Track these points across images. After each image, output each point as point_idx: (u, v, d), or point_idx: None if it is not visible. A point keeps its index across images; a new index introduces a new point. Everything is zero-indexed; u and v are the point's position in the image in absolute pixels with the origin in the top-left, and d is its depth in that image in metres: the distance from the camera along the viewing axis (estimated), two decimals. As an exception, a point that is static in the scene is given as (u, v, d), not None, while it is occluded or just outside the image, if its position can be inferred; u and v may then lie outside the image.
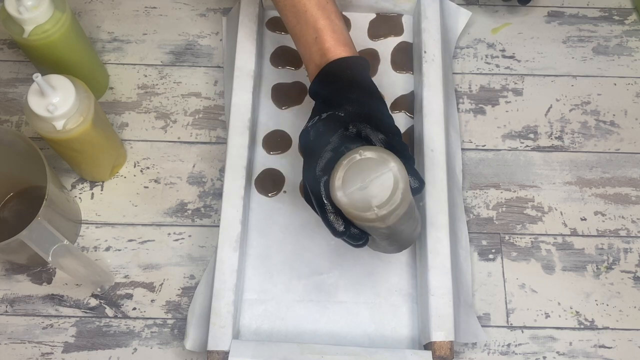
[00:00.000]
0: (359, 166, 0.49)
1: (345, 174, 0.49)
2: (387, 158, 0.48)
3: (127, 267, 0.68)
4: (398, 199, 0.47)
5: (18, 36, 0.63)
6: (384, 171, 0.48)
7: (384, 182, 0.48)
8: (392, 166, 0.48)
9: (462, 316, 0.63)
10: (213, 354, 0.60)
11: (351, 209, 0.48)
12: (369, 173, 0.48)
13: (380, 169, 0.48)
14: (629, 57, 0.78)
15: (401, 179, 0.48)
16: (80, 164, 0.69)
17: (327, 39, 0.57)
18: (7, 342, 0.65)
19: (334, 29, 0.57)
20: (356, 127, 0.53)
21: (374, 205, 0.48)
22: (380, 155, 0.49)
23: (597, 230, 0.70)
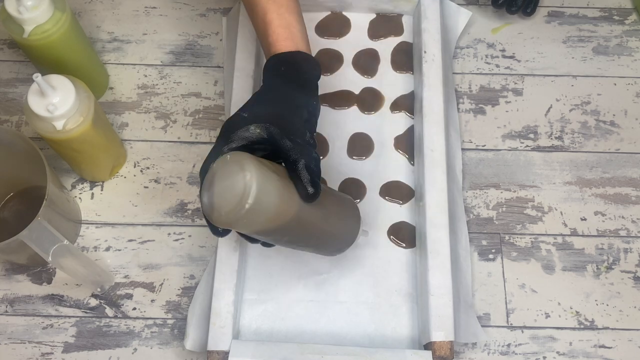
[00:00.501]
0: (221, 170, 0.48)
1: (212, 176, 0.48)
2: (243, 166, 0.47)
3: (127, 267, 0.68)
4: (245, 207, 0.46)
5: (18, 36, 0.63)
6: (236, 179, 0.47)
7: (233, 189, 0.46)
8: (246, 175, 0.46)
9: (462, 316, 0.63)
10: (213, 354, 0.60)
11: (206, 212, 0.48)
12: (225, 178, 0.48)
13: (234, 176, 0.47)
14: (629, 57, 0.78)
15: (254, 189, 0.46)
16: (80, 164, 0.69)
17: (271, 33, 0.56)
18: (7, 342, 0.65)
19: (280, 23, 0.56)
20: (259, 128, 0.51)
21: (222, 211, 0.47)
22: (239, 161, 0.47)
23: (597, 230, 0.70)
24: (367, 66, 0.76)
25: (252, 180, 0.46)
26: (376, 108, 0.74)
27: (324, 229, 0.55)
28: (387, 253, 0.68)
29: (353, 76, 0.76)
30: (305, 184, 0.49)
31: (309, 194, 0.50)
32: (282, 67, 0.55)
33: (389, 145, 0.73)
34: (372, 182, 0.71)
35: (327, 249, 0.59)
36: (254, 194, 0.46)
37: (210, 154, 0.51)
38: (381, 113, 0.74)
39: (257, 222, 0.48)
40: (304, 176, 0.50)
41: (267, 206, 0.48)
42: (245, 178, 0.46)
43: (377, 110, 0.74)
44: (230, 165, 0.48)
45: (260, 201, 0.47)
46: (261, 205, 0.47)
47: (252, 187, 0.46)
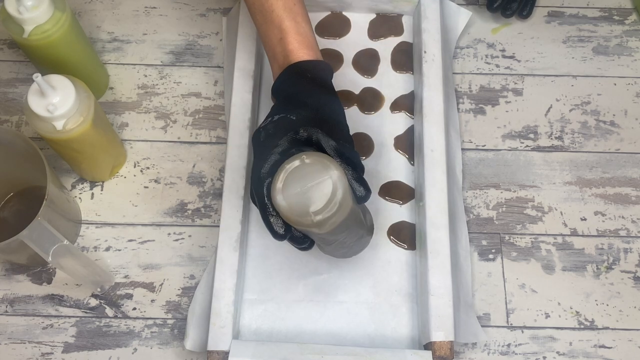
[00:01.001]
0: (301, 171, 0.49)
1: (287, 178, 0.49)
2: (328, 165, 0.48)
3: (127, 267, 0.68)
4: (335, 206, 0.47)
5: (18, 36, 0.63)
6: (323, 178, 0.48)
7: (322, 189, 0.48)
8: (332, 174, 0.48)
9: (462, 316, 0.63)
10: (213, 354, 0.60)
11: (289, 213, 0.48)
12: (309, 179, 0.48)
13: (320, 175, 0.48)
14: (629, 57, 0.78)
15: (340, 187, 0.48)
16: (80, 164, 0.69)
17: (291, 40, 0.56)
18: (7, 342, 0.65)
19: (298, 31, 0.57)
20: (307, 132, 0.52)
21: (310, 211, 0.48)
22: (322, 162, 0.49)
23: (597, 230, 0.70)
24: (367, 66, 0.76)
25: (340, 178, 0.48)
26: (376, 108, 0.74)
27: (361, 231, 0.56)
28: (387, 253, 0.68)
29: (353, 76, 0.76)
30: (361, 185, 0.51)
31: (363, 195, 0.51)
32: (309, 74, 0.56)
33: (389, 145, 0.73)
34: (372, 182, 0.71)
35: (355, 250, 0.60)
36: (341, 193, 0.48)
37: (261, 157, 0.52)
38: (381, 113, 0.74)
39: (337, 219, 0.49)
40: (359, 178, 0.51)
41: (346, 205, 0.49)
42: (333, 177, 0.48)
43: (377, 110, 0.74)
44: (312, 165, 0.49)
45: (344, 200, 0.48)
46: (343, 203, 0.48)
47: (340, 185, 0.48)
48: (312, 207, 0.48)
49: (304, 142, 0.52)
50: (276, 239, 0.52)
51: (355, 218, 0.53)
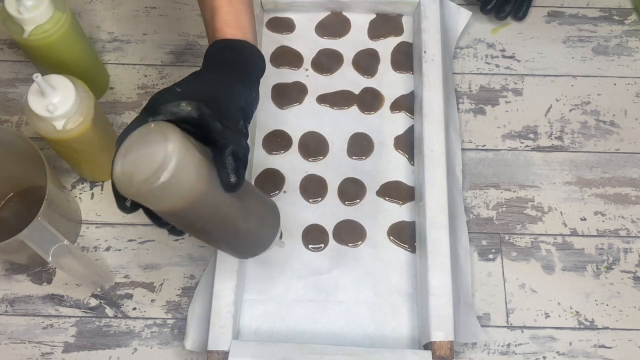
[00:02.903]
0: (143, 139, 0.44)
1: (129, 143, 0.45)
2: (167, 135, 0.43)
3: (127, 267, 0.68)
4: (162, 179, 0.42)
5: (18, 36, 0.63)
6: (157, 148, 0.43)
7: (152, 157, 0.43)
8: (169, 145, 0.43)
9: (462, 316, 0.63)
10: (213, 354, 0.60)
11: (116, 180, 0.44)
12: (143, 146, 0.44)
13: (155, 144, 0.43)
14: (629, 57, 0.78)
15: (173, 161, 0.42)
16: (80, 164, 0.69)
17: (218, 18, 0.55)
18: (7, 342, 0.65)
19: (229, 10, 0.55)
20: (190, 106, 0.47)
21: (134, 180, 0.43)
22: (163, 130, 0.44)
23: (597, 230, 0.70)
24: (367, 66, 0.76)
25: (173, 151, 0.43)
26: (376, 108, 0.74)
27: (239, 225, 0.51)
28: (387, 253, 0.68)
29: (353, 76, 0.76)
30: (229, 171, 0.46)
31: (231, 182, 0.46)
32: (227, 52, 0.54)
33: (389, 145, 0.73)
34: (372, 182, 0.71)
35: (239, 248, 0.56)
36: (173, 167, 0.42)
37: (132, 123, 0.48)
38: (381, 113, 0.74)
39: (170, 199, 0.44)
40: (229, 163, 0.46)
41: (183, 183, 0.44)
42: (166, 148, 0.43)
43: (377, 110, 0.74)
44: (152, 134, 0.44)
45: (177, 176, 0.43)
46: (178, 180, 0.43)
47: (172, 159, 0.42)
48: (136, 177, 0.43)
49: (189, 119, 0.47)
50: (122, 210, 0.48)
51: (216, 210, 0.48)
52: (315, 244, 0.68)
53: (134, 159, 0.44)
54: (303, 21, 0.79)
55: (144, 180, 0.43)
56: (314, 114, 0.74)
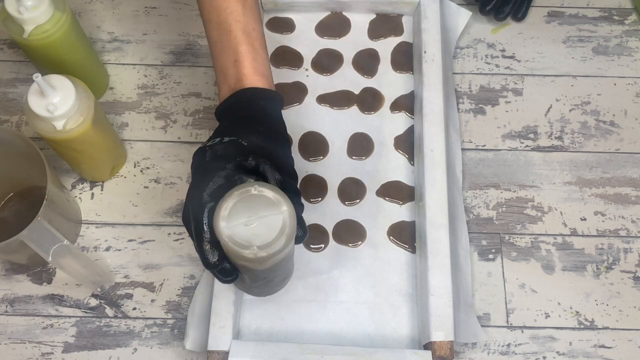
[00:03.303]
0: (250, 201, 0.46)
1: (234, 205, 0.46)
2: (281, 200, 0.46)
3: (127, 267, 0.68)
4: (281, 244, 0.45)
5: (18, 36, 0.63)
6: (274, 212, 0.46)
7: (271, 223, 0.45)
8: (284, 210, 0.46)
9: (462, 316, 0.63)
10: (213, 354, 0.60)
11: (231, 243, 0.46)
12: (259, 210, 0.46)
13: (272, 209, 0.46)
14: (629, 57, 0.78)
15: (289, 225, 0.46)
16: (80, 164, 0.69)
17: (246, 65, 0.55)
18: (7, 342, 0.65)
19: (255, 57, 0.55)
20: (255, 161, 0.50)
21: (255, 244, 0.45)
22: (275, 195, 0.46)
23: (597, 230, 0.70)
24: (367, 66, 0.76)
25: (291, 212, 0.46)
26: (376, 108, 0.74)
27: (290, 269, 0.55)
28: (387, 253, 0.68)
29: (353, 76, 0.76)
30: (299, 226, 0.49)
31: (300, 236, 0.50)
32: (262, 102, 0.54)
33: (389, 145, 0.73)
34: (372, 182, 0.71)
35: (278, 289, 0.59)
36: (292, 227, 0.46)
37: (203, 179, 0.49)
38: (381, 113, 0.74)
39: (279, 258, 0.47)
40: (301, 220, 0.50)
41: (291, 242, 0.47)
42: (284, 213, 0.46)
43: (377, 110, 0.74)
44: (264, 198, 0.46)
45: (292, 238, 0.46)
46: (290, 241, 0.46)
47: (290, 219, 0.46)
48: (257, 241, 0.45)
49: (249, 170, 0.50)
50: (206, 267, 0.50)
51: (290, 258, 0.51)
52: (315, 244, 0.68)
53: (251, 224, 0.46)
54: (303, 21, 0.79)
55: (265, 245, 0.45)
56: (314, 114, 0.74)
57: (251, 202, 0.46)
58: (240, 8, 0.56)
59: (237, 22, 0.56)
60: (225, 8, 0.56)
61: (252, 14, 0.57)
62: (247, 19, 0.56)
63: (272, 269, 0.49)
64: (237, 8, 0.56)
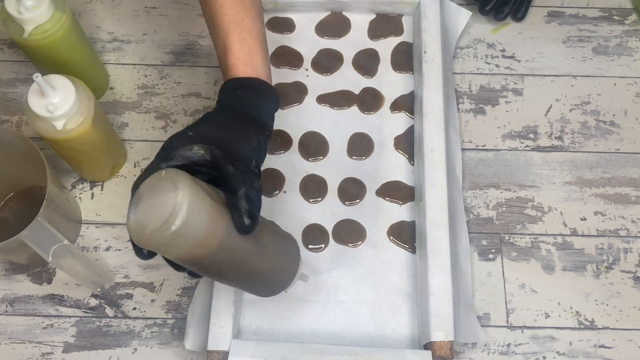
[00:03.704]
0: (155, 187, 0.44)
1: (142, 192, 0.45)
2: (177, 183, 0.43)
3: (127, 267, 0.68)
4: (173, 227, 0.42)
5: (18, 36, 0.63)
6: (168, 196, 0.43)
7: (162, 207, 0.43)
8: (178, 193, 0.43)
9: (462, 316, 0.63)
10: (213, 354, 0.60)
11: (130, 229, 0.44)
12: (155, 194, 0.44)
13: (166, 193, 0.43)
14: (629, 57, 0.78)
15: (184, 209, 0.42)
16: (80, 164, 0.69)
17: (231, 56, 0.54)
18: (7, 342, 0.65)
19: (241, 48, 0.55)
20: (203, 150, 0.48)
21: (147, 230, 0.43)
22: (173, 178, 0.44)
23: (597, 230, 0.70)
24: (367, 66, 0.76)
25: (183, 200, 0.43)
26: (376, 108, 0.74)
27: (257, 266, 0.51)
28: (387, 253, 0.68)
29: (353, 76, 0.76)
30: (242, 214, 0.46)
31: (245, 225, 0.46)
32: (239, 91, 0.53)
33: (389, 145, 0.73)
34: (372, 182, 0.71)
35: (259, 288, 0.55)
36: (183, 216, 0.42)
37: (147, 170, 0.48)
38: (381, 113, 0.74)
39: (183, 247, 0.44)
40: (242, 205, 0.46)
41: (195, 231, 0.44)
42: (176, 197, 0.43)
43: (377, 110, 0.74)
44: (163, 182, 0.44)
45: (188, 224, 0.43)
46: (189, 229, 0.43)
47: (182, 208, 0.42)
48: (147, 226, 0.43)
49: (202, 162, 0.48)
50: (140, 257, 0.48)
51: (232, 254, 0.48)
52: (315, 244, 0.68)
53: (145, 208, 0.44)
54: (303, 21, 0.79)
55: (155, 229, 0.43)
56: (314, 114, 0.74)
57: (156, 187, 0.44)
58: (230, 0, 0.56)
59: (225, 15, 0.56)
60: (215, 2, 0.56)
61: (244, 3, 0.57)
62: (237, 10, 0.56)
63: (203, 261, 0.46)
64: (226, 0, 0.56)
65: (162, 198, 0.43)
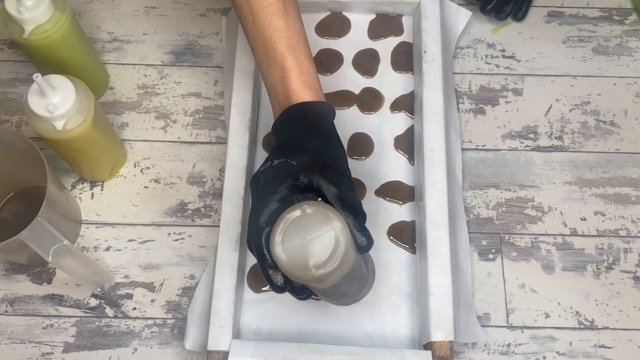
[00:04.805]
0: (301, 222, 0.46)
1: (287, 228, 0.46)
2: (330, 216, 0.46)
3: (127, 267, 0.68)
4: (337, 260, 0.45)
5: (18, 36, 0.63)
6: (325, 230, 0.45)
7: (324, 242, 0.45)
8: (335, 225, 0.45)
9: (462, 316, 0.63)
10: (213, 354, 0.60)
11: (288, 266, 0.46)
12: (310, 231, 0.46)
13: (322, 227, 0.46)
14: (629, 57, 0.78)
15: (343, 240, 0.45)
16: (80, 164, 0.69)
17: (293, 80, 0.55)
18: (7, 342, 0.65)
19: (301, 71, 0.55)
20: (308, 178, 0.50)
21: (311, 265, 0.45)
22: (324, 212, 0.46)
23: (597, 230, 0.70)
24: (367, 66, 0.76)
25: (343, 230, 0.45)
26: (376, 108, 0.74)
27: (364, 274, 0.53)
28: (387, 253, 0.68)
29: (353, 76, 0.76)
30: (361, 235, 0.48)
31: (365, 245, 0.49)
32: (310, 115, 0.54)
33: (389, 145, 0.73)
34: (372, 182, 0.71)
35: (361, 295, 0.57)
36: (345, 244, 0.45)
37: (259, 205, 0.50)
38: (381, 113, 0.74)
39: (340, 273, 0.46)
40: (359, 228, 0.49)
41: (350, 256, 0.46)
42: (335, 229, 0.45)
43: (377, 110, 0.74)
44: (313, 216, 0.46)
45: (348, 251, 0.45)
46: (347, 255, 0.46)
47: (343, 238, 0.45)
48: (312, 261, 0.45)
49: (304, 188, 0.50)
50: (275, 291, 0.50)
51: (357, 269, 0.50)
52: (315, 244, 0.68)
53: (303, 245, 0.46)
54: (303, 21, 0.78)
55: (322, 263, 0.45)
56: (314, 114, 0.74)
57: (303, 222, 0.46)
58: (283, 23, 0.56)
59: (281, 38, 0.55)
60: (268, 26, 0.56)
61: (296, 26, 0.56)
62: (291, 33, 0.56)
63: (339, 284, 0.48)
64: (280, 24, 0.56)
65: (320, 231, 0.45)
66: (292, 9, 0.57)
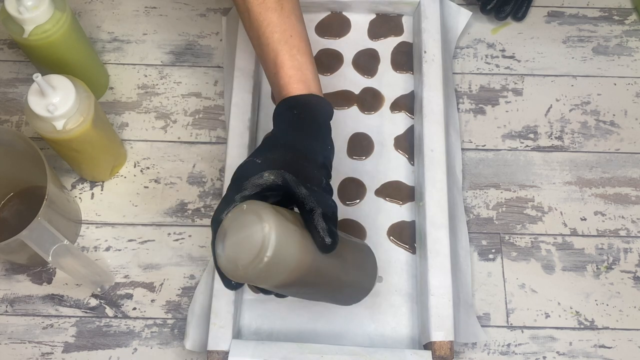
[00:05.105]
0: (239, 222, 0.45)
1: (229, 227, 0.46)
2: (261, 216, 0.44)
3: (127, 267, 0.68)
4: (263, 261, 0.43)
5: (18, 36, 0.63)
6: (255, 230, 0.44)
7: (252, 241, 0.44)
8: (264, 226, 0.44)
9: (462, 316, 0.63)
10: (213, 354, 0.60)
11: (222, 265, 0.46)
12: (244, 230, 0.45)
13: (253, 227, 0.44)
14: (629, 57, 0.78)
15: (272, 241, 0.44)
16: (80, 164, 0.69)
17: (282, 75, 0.54)
18: (7, 342, 0.65)
19: (293, 65, 0.54)
20: (273, 175, 0.49)
21: (239, 265, 0.44)
22: (256, 212, 0.45)
23: (597, 230, 0.70)
24: (367, 66, 0.76)
25: (271, 231, 0.44)
26: (376, 108, 0.74)
27: (342, 279, 0.52)
28: (387, 253, 0.68)
29: (353, 76, 0.76)
30: (323, 235, 0.47)
31: (327, 244, 0.47)
32: (295, 110, 0.53)
33: (389, 145, 0.73)
34: (372, 182, 0.71)
35: (345, 298, 0.56)
36: (273, 246, 0.44)
37: (222, 203, 0.49)
38: (381, 113, 0.74)
39: (276, 275, 0.45)
40: (321, 225, 0.47)
41: (286, 259, 0.45)
42: (263, 230, 0.44)
43: (377, 110, 0.74)
44: (246, 215, 0.45)
45: (279, 253, 0.44)
46: (280, 257, 0.44)
47: (271, 239, 0.44)
48: (240, 262, 0.44)
49: (274, 187, 0.49)
50: (228, 288, 0.50)
51: (324, 270, 0.49)
52: (315, 244, 0.68)
53: (234, 244, 0.45)
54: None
55: (248, 264, 0.44)
56: (314, 114, 0.74)
57: (240, 221, 0.45)
58: (276, 18, 0.55)
59: (274, 33, 0.55)
60: (262, 21, 0.56)
61: (290, 19, 0.56)
62: (284, 27, 0.55)
63: (290, 286, 0.48)
64: (273, 18, 0.55)
65: (249, 232, 0.44)
66: (288, 2, 0.56)
